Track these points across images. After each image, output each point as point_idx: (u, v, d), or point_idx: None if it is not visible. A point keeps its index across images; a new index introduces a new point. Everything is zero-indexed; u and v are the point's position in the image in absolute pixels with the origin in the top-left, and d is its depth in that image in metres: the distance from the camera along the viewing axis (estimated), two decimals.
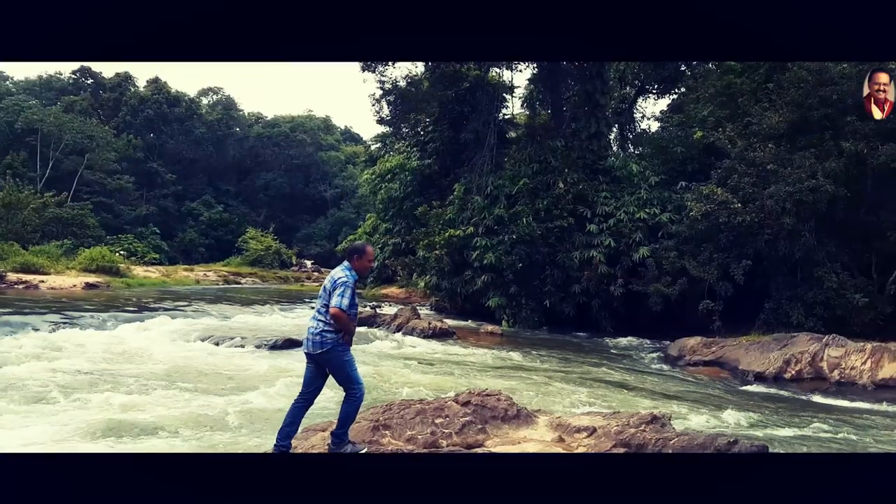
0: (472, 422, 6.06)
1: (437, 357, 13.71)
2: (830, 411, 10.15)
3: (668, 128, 24.96)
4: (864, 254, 16.42)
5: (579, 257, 19.88)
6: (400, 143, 30.64)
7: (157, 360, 11.19)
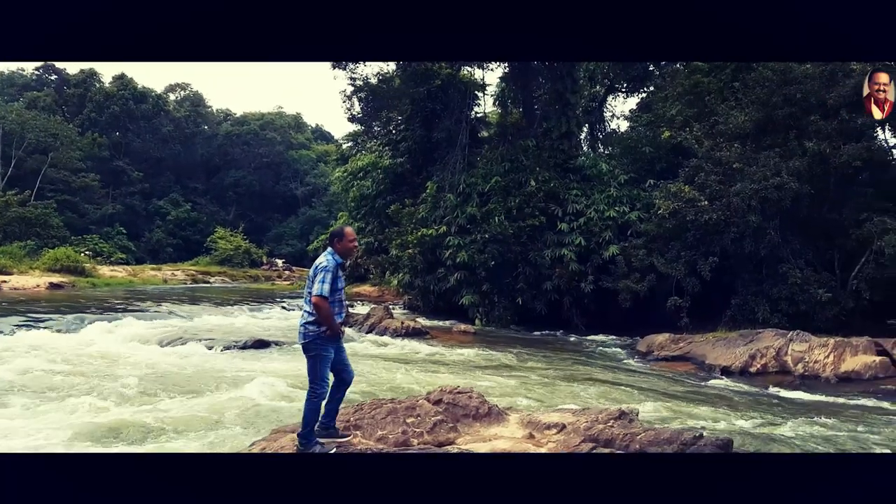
0: (443, 420, 6.07)
1: (411, 356, 13.71)
2: (794, 404, 10.38)
3: (637, 127, 25.27)
4: (828, 250, 16.84)
5: (551, 255, 20.06)
6: (372, 141, 30.52)
7: (124, 363, 11.00)
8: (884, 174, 17.02)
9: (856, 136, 16.11)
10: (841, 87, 16.07)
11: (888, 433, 8.42)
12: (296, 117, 70.32)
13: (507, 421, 6.65)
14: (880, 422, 9.11)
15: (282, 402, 8.51)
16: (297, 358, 12.40)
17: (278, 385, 9.26)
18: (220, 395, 8.77)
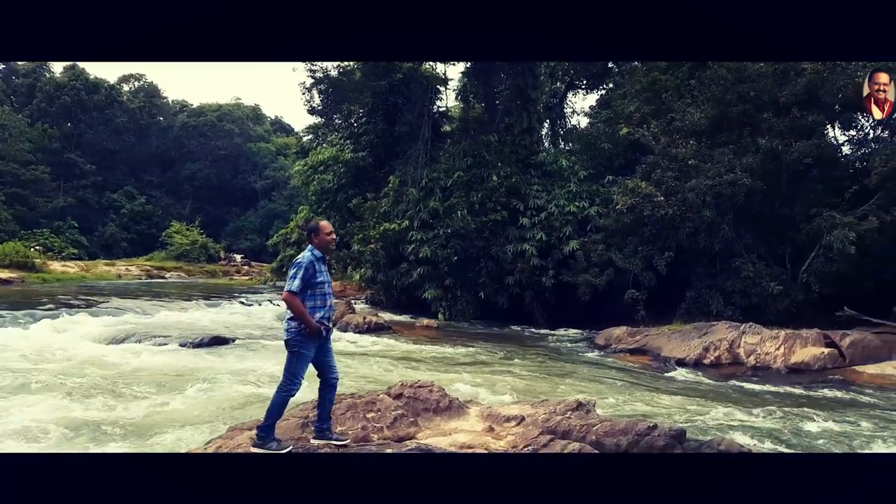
0: (403, 415, 6.08)
1: (373, 351, 13.67)
2: (746, 395, 10.69)
3: (597, 123, 25.59)
4: (779, 245, 17.36)
5: (512, 250, 20.22)
6: (333, 134, 30.17)
7: (76, 361, 10.71)
8: (833, 171, 17.61)
9: (806, 134, 16.63)
10: (793, 85, 16.56)
11: (830, 426, 8.74)
12: (254, 109, 69.14)
13: (468, 414, 6.69)
14: (826, 412, 9.45)
15: (239, 399, 8.40)
16: (256, 355, 12.30)
17: (235, 382, 9.14)
18: (176, 393, 8.61)
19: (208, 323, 16.25)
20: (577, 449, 5.60)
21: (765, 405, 9.65)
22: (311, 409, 5.55)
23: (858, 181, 16.41)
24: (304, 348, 4.75)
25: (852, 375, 12.29)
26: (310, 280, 4.77)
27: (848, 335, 13.67)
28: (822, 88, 16.52)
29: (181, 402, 8.19)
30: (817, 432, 8.14)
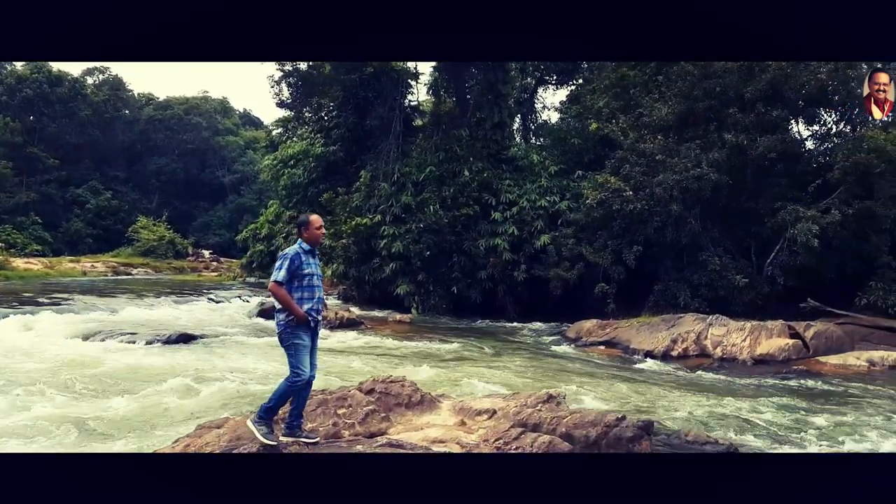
0: (375, 410, 6.06)
1: (346, 347, 13.61)
2: (712, 386, 10.90)
3: (567, 119, 25.78)
4: (745, 238, 17.72)
5: (485, 245, 20.29)
6: (303, 128, 29.85)
7: (41, 359, 10.47)
8: (797, 165, 18.02)
9: (771, 129, 16.98)
10: (757, 81, 16.88)
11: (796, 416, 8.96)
12: (222, 102, 68.00)
13: (440, 408, 6.71)
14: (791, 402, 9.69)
15: (206, 397, 8.30)
16: (224, 351, 12.16)
17: (203, 380, 9.02)
18: (144, 392, 8.47)
19: (176, 320, 16.01)
20: (548, 441, 5.65)
21: (730, 396, 9.85)
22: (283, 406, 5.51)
23: (821, 175, 16.80)
24: (297, 339, 4.76)
25: (816, 366, 12.61)
26: (296, 272, 4.81)
27: (812, 326, 14.02)
28: (786, 84, 16.88)
29: (148, 399, 8.06)
30: (782, 422, 8.34)
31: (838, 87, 16.88)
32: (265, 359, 11.30)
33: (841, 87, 16.85)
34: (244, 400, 8.08)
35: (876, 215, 15.62)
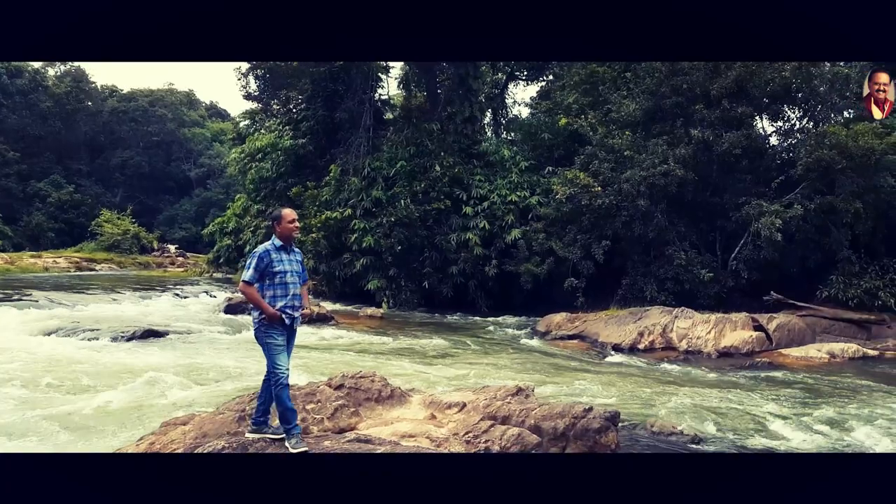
0: (344, 405, 6.03)
1: (316, 342, 13.51)
2: (677, 377, 11.09)
3: (537, 114, 25.92)
4: (710, 232, 18.05)
5: (456, 239, 20.31)
6: (271, 120, 29.43)
7: None
8: (761, 161, 18.39)
9: (736, 125, 17.31)
10: (723, 78, 17.18)
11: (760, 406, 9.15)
12: (188, 94, 66.72)
13: (410, 402, 6.70)
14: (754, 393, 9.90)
15: (172, 394, 8.17)
16: (190, 348, 11.98)
17: (168, 376, 8.88)
18: (108, 388, 8.30)
19: (141, 316, 15.71)
20: (517, 433, 5.70)
21: (695, 387, 10.03)
22: (247, 403, 5.45)
23: (785, 171, 17.20)
24: (271, 337, 4.69)
25: (779, 358, 12.91)
26: (266, 270, 4.73)
27: (775, 318, 14.35)
28: (751, 82, 17.20)
29: (111, 397, 7.90)
30: (745, 413, 8.52)
31: (802, 84, 17.26)
32: (232, 355, 11.16)
33: (804, 84, 17.23)
34: (210, 396, 7.97)
35: (837, 210, 16.03)
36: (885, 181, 15.71)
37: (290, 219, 4.88)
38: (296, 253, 4.98)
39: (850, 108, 17.81)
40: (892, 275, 15.92)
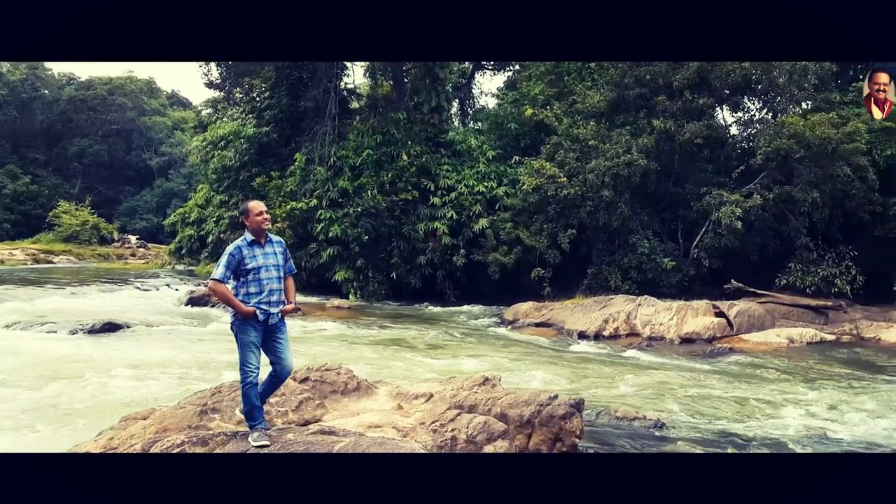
0: (309, 398, 6.00)
1: None
2: (640, 364, 11.28)
3: (504, 104, 25.95)
4: (672, 222, 18.36)
5: (424, 229, 20.26)
6: (233, 108, 28.87)
7: None
8: (721, 151, 18.75)
9: (697, 115, 17.58)
10: (685, 69, 17.42)
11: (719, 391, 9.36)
12: (148, 82, 65.12)
13: (377, 394, 6.69)
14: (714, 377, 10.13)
15: (132, 388, 8.01)
16: (151, 341, 11.76)
17: (128, 370, 8.71)
18: (66, 382, 8.10)
19: (101, 309, 15.36)
20: (483, 422, 5.72)
21: (658, 372, 10.22)
22: (209, 397, 5.38)
23: (745, 161, 17.56)
24: (243, 333, 4.59)
25: (739, 343, 13.23)
26: (239, 266, 4.62)
27: (735, 305, 14.70)
28: (712, 73, 17.48)
29: (69, 391, 7.72)
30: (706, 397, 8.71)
31: (761, 76, 17.59)
32: (194, 348, 10.99)
33: (764, 76, 17.57)
34: (171, 390, 7.84)
35: (795, 199, 16.43)
36: (842, 170, 16.13)
37: (258, 211, 4.74)
38: (274, 244, 4.84)
39: (808, 99, 18.23)
40: (848, 262, 16.40)
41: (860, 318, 15.47)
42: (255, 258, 4.66)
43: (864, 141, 16.30)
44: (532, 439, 5.89)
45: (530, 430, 5.88)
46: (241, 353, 4.60)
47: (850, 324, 15.11)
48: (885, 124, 16.50)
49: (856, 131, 16.07)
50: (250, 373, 4.56)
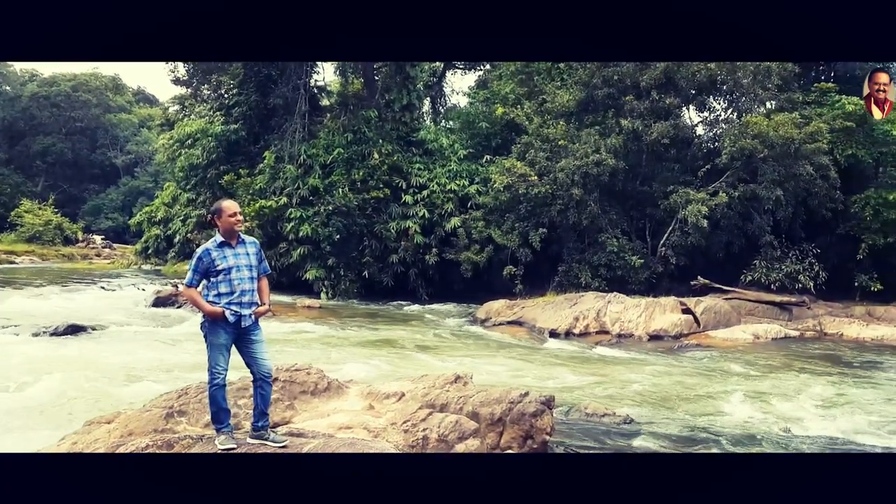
0: (278, 399, 5.93)
1: None
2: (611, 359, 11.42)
3: (475, 103, 26.03)
4: (640, 220, 18.62)
5: (396, 228, 20.20)
6: (201, 106, 28.42)
7: None
8: (688, 150, 19.06)
9: (664, 115, 17.84)
10: (652, 70, 17.65)
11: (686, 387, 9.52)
12: (114, 79, 63.79)
13: (348, 394, 6.64)
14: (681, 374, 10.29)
15: (96, 391, 7.86)
16: (116, 343, 11.54)
17: (92, 373, 8.54)
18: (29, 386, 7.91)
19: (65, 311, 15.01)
20: (454, 420, 5.73)
21: (626, 368, 10.35)
22: (175, 399, 5.30)
23: (710, 160, 17.87)
24: (213, 335, 4.52)
25: (706, 339, 13.48)
26: (209, 269, 4.55)
27: (702, 302, 14.96)
28: (678, 73, 17.75)
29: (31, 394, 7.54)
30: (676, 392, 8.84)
31: (727, 76, 17.90)
32: (160, 350, 10.82)
33: (729, 76, 17.89)
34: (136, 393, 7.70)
35: (759, 197, 16.77)
36: (804, 169, 16.48)
37: (232, 212, 4.64)
38: (247, 245, 4.77)
39: (771, 99, 18.61)
40: (811, 259, 16.80)
41: (823, 315, 15.85)
42: (225, 259, 4.59)
43: (826, 140, 16.69)
44: (503, 437, 5.92)
45: (501, 428, 5.92)
46: (210, 355, 4.53)
47: (814, 320, 15.49)
48: (845, 124, 16.93)
49: (818, 131, 16.46)
50: (218, 374, 4.49)
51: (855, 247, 17.36)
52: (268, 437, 4.59)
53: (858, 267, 17.38)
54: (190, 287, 4.56)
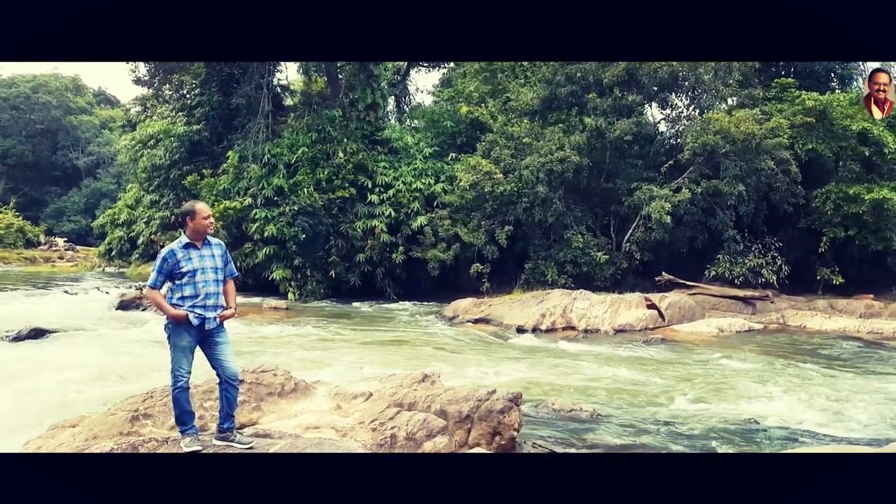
0: (245, 401, 5.90)
1: None
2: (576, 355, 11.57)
3: (440, 101, 26.09)
4: (605, 216, 18.89)
5: (362, 227, 20.14)
6: (163, 106, 27.96)
7: None
8: (650, 147, 19.37)
9: (627, 113, 18.12)
10: (614, 67, 17.89)
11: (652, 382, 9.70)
12: (74, 79, 62.33)
13: (315, 395, 6.64)
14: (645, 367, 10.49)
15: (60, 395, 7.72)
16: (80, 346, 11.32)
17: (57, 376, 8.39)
18: None
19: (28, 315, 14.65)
20: (422, 419, 5.78)
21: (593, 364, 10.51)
22: (140, 402, 5.25)
23: (673, 156, 18.19)
24: (176, 337, 4.49)
25: (671, 334, 13.74)
26: (174, 270, 4.51)
27: (666, 297, 15.24)
28: (641, 70, 18.02)
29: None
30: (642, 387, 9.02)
31: (688, 73, 18.23)
32: (125, 353, 10.64)
33: (690, 73, 18.22)
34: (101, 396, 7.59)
35: (722, 193, 17.11)
36: (766, 164, 16.84)
37: (206, 214, 4.61)
38: (213, 247, 4.71)
39: (732, 95, 19.00)
40: (773, 253, 17.20)
41: (786, 308, 16.22)
42: (190, 261, 4.55)
43: (787, 136, 17.07)
44: (471, 434, 5.98)
45: (469, 426, 5.97)
46: (173, 358, 4.50)
47: (777, 313, 15.84)
48: (805, 119, 17.28)
49: (778, 126, 16.84)
50: (181, 377, 4.47)
51: (816, 241, 17.78)
52: (233, 438, 4.57)
53: (820, 261, 17.82)
54: (153, 289, 4.51)
